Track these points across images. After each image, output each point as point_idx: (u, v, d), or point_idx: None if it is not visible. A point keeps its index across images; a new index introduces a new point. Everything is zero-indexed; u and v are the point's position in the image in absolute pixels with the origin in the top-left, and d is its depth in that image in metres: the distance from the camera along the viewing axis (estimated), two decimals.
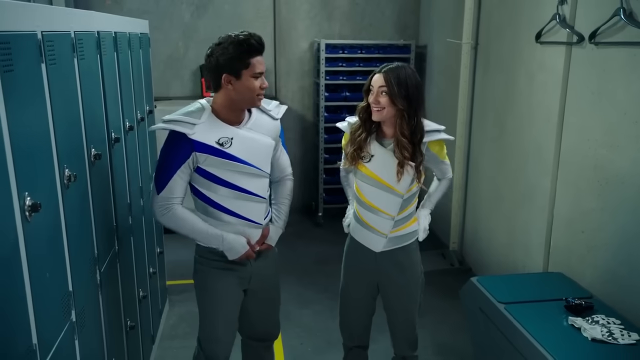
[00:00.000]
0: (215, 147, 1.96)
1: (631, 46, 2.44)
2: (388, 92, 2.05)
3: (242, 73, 1.94)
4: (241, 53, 1.92)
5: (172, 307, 3.76)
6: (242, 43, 1.92)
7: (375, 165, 2.15)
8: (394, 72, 2.06)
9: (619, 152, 2.56)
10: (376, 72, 2.12)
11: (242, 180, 2.03)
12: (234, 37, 1.94)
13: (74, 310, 1.61)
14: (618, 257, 2.59)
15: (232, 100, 1.99)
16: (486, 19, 3.96)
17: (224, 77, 1.95)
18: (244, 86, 1.95)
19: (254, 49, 1.93)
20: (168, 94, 5.29)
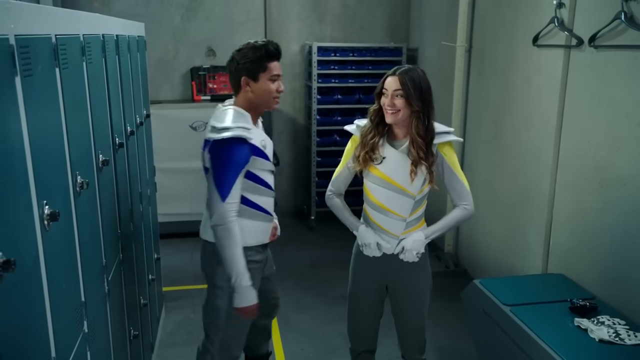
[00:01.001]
0: (261, 149, 2.12)
1: (632, 49, 2.48)
2: (404, 95, 2.05)
3: (259, 76, 2.08)
4: (259, 57, 2.06)
5: (169, 313, 3.71)
6: (260, 48, 2.07)
7: (387, 167, 2.14)
8: (409, 75, 2.06)
9: (620, 154, 2.59)
10: (389, 74, 2.12)
11: (269, 178, 2.20)
12: (253, 43, 2.10)
13: (86, 321, 1.57)
14: (619, 258, 2.62)
15: (250, 102, 2.12)
16: (480, 22, 3.99)
17: (243, 79, 2.10)
18: (261, 88, 2.09)
19: (271, 54, 2.08)
20: (158, 97, 5.22)
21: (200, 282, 4.16)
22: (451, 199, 2.25)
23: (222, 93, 5.29)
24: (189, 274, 4.35)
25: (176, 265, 4.48)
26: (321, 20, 5.51)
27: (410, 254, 2.15)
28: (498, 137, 3.74)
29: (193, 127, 4.94)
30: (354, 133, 2.27)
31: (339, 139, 5.26)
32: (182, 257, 4.65)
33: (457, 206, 2.21)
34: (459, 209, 2.20)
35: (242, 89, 2.11)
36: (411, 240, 2.16)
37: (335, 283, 4.14)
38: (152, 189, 3.33)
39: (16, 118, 1.11)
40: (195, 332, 3.49)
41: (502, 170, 3.71)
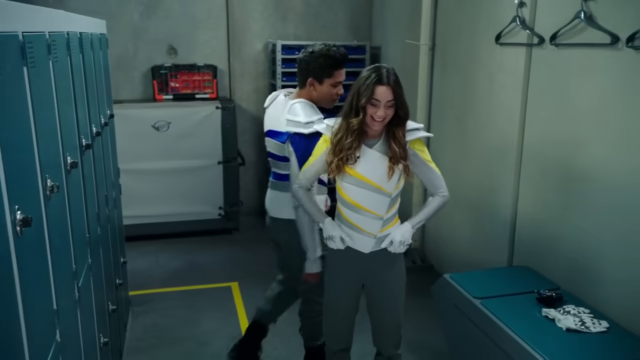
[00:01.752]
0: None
1: (591, 47, 2.57)
2: (395, 104, 2.04)
3: (324, 80, 2.46)
4: (328, 65, 2.43)
5: (136, 318, 3.62)
6: (330, 57, 2.43)
7: (363, 167, 2.12)
8: (395, 81, 2.04)
9: (581, 149, 2.68)
10: (374, 82, 2.02)
11: None
12: (326, 49, 2.44)
13: (58, 329, 1.51)
14: (581, 250, 2.71)
15: (312, 99, 2.49)
16: (443, 21, 4.06)
17: (309, 80, 2.46)
18: (324, 91, 2.48)
19: (339, 63, 2.45)
20: (118, 97, 5.07)
21: (167, 285, 4.10)
22: (428, 189, 2.28)
23: (185, 92, 5.21)
24: (155, 277, 4.27)
25: (141, 268, 4.38)
26: (284, 18, 5.48)
27: (401, 245, 2.18)
28: (462, 134, 3.81)
29: (155, 127, 4.83)
30: (324, 133, 2.23)
31: None
32: (147, 260, 4.56)
33: (434, 195, 2.25)
34: (437, 196, 2.24)
35: (307, 87, 2.48)
36: (400, 233, 2.18)
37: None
38: (117, 191, 3.24)
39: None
40: (164, 336, 3.42)
41: (467, 166, 3.78)
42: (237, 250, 4.83)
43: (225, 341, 3.37)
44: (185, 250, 4.78)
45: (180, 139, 4.88)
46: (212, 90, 5.26)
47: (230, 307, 3.79)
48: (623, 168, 2.44)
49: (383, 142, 2.14)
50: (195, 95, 5.23)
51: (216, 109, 4.95)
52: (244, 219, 5.36)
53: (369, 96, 2.02)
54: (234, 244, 4.98)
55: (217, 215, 5.13)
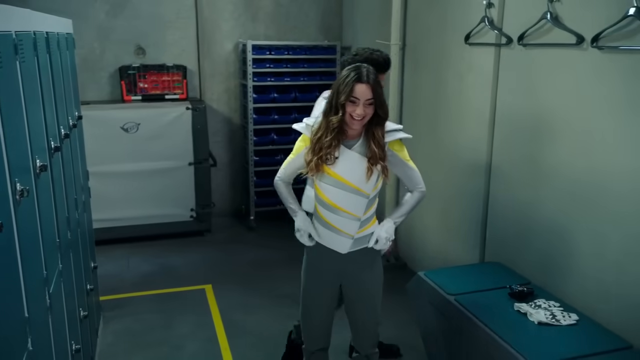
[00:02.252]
0: None
1: (558, 47, 2.63)
2: (374, 102, 2.04)
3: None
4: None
5: (107, 324, 3.54)
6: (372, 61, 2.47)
7: (342, 168, 2.12)
8: (375, 79, 2.05)
9: (550, 146, 2.75)
10: (354, 80, 2.03)
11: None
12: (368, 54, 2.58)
13: (30, 337, 1.47)
14: (551, 246, 2.78)
15: None
16: (413, 21, 4.10)
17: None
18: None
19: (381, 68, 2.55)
20: (85, 97, 4.94)
21: (138, 290, 4.03)
22: (406, 186, 2.31)
23: (154, 93, 5.13)
24: (126, 282, 4.19)
25: (112, 273, 4.29)
26: (254, 18, 5.45)
27: (387, 242, 2.20)
28: (433, 133, 3.86)
29: (125, 129, 4.74)
30: (303, 132, 2.23)
31: (277, 137, 5.24)
32: (117, 264, 4.47)
33: (413, 191, 2.28)
34: (416, 192, 2.29)
35: None
36: (384, 229, 2.21)
37: (280, 282, 4.13)
38: (87, 195, 3.17)
39: None
40: (136, 341, 3.36)
41: (439, 164, 3.83)
42: (210, 252, 4.78)
43: (200, 344, 3.33)
44: (157, 254, 4.70)
45: (150, 141, 4.80)
46: (182, 90, 5.19)
47: (204, 310, 3.75)
48: (589, 165, 2.51)
49: (362, 143, 2.13)
50: (165, 95, 5.15)
51: (186, 109, 4.89)
52: (216, 220, 5.31)
53: (348, 94, 2.03)
54: (207, 246, 4.93)
55: (189, 217, 5.06)
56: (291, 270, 4.04)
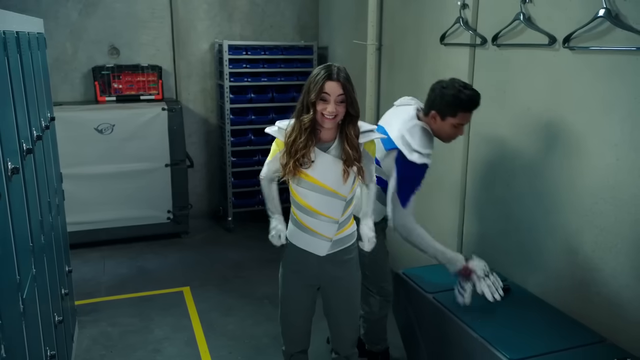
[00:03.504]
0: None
1: (530, 47, 2.68)
2: (345, 100, 2.03)
3: (447, 118, 2.53)
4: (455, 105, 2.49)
5: (82, 329, 3.49)
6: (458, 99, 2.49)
7: (318, 171, 2.11)
8: (346, 77, 2.03)
9: (524, 143, 2.80)
10: (324, 78, 2.01)
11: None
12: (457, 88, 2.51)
13: (3, 344, 1.43)
14: (526, 242, 2.83)
15: (432, 129, 2.61)
16: (389, 21, 4.12)
17: (432, 112, 2.56)
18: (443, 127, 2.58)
19: (467, 107, 2.50)
20: (57, 98, 4.86)
21: (115, 293, 3.97)
22: (363, 180, 2.24)
23: (129, 93, 5.06)
24: (102, 285, 4.13)
25: (87, 276, 4.22)
26: (230, 18, 5.42)
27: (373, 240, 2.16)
28: None
29: (99, 130, 4.67)
30: (276, 136, 2.20)
31: (254, 138, 5.22)
32: (92, 268, 4.40)
33: (368, 184, 2.27)
34: (371, 184, 2.29)
35: (429, 117, 2.54)
36: (367, 229, 2.17)
37: (258, 284, 4.11)
38: (60, 197, 3.11)
39: None
40: (114, 345, 3.31)
41: None
42: (188, 254, 4.74)
43: (179, 347, 3.30)
44: (134, 256, 4.64)
45: (125, 142, 4.73)
46: (157, 91, 5.13)
47: (182, 312, 3.71)
48: (563, 162, 2.56)
49: (337, 146, 2.12)
50: (140, 96, 5.09)
51: (162, 110, 4.84)
52: (194, 222, 5.27)
53: (318, 91, 2.02)
54: (184, 248, 4.88)
55: (166, 219, 5.01)
56: (270, 271, 4.02)
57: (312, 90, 2.04)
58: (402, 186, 2.52)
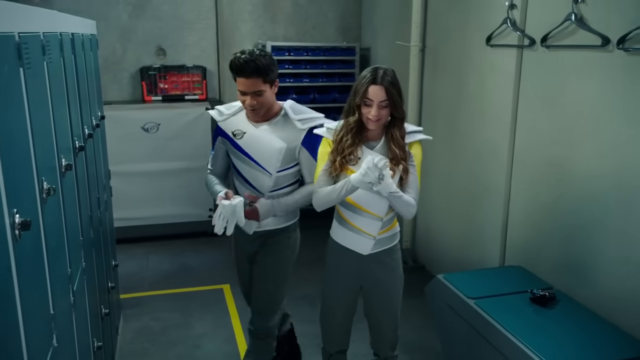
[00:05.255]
0: (230, 135, 2.42)
1: (582, 49, 2.59)
2: (390, 104, 2.03)
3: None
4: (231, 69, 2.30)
5: (127, 322, 3.58)
6: (230, 63, 2.28)
7: None
8: (391, 82, 2.03)
9: (573, 149, 2.71)
10: (370, 82, 2.02)
11: (246, 171, 2.42)
12: (236, 54, 2.29)
13: (55, 334, 1.49)
14: (573, 249, 2.74)
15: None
16: (434, 22, 4.08)
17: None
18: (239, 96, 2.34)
19: (234, 70, 2.28)
20: (106, 98, 5.01)
21: (157, 288, 4.06)
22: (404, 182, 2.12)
23: (174, 93, 5.18)
24: (145, 280, 4.23)
25: (132, 271, 4.34)
26: (273, 19, 5.47)
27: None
28: (453, 135, 3.83)
29: (145, 129, 4.80)
30: (325, 136, 2.22)
31: None
32: (136, 263, 4.52)
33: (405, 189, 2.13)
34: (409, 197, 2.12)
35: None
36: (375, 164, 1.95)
37: (297, 284, 4.10)
38: (109, 194, 3.21)
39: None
40: (156, 339, 3.39)
41: (458, 167, 3.80)
42: (228, 253, 4.79)
43: (218, 344, 3.35)
44: (176, 253, 4.74)
45: (169, 141, 4.84)
46: (201, 91, 5.23)
47: (222, 310, 3.77)
48: (614, 168, 2.47)
49: (383, 145, 2.15)
50: (185, 96, 5.20)
51: (206, 110, 4.92)
52: None
53: (362, 95, 2.04)
54: (224, 246, 4.94)
55: (208, 217, 5.09)
56: (308, 272, 4.04)
57: (357, 93, 2.07)
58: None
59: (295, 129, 2.36)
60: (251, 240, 2.52)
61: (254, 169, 2.39)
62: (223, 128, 2.44)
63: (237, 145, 2.39)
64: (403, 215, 2.17)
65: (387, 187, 1.96)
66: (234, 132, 2.39)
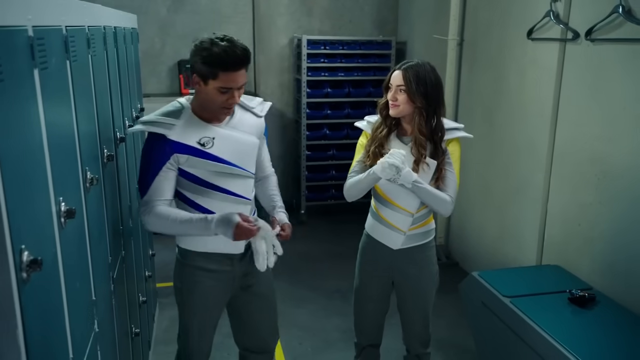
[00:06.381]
0: (196, 147, 1.86)
1: (630, 42, 2.51)
2: (406, 90, 2.04)
3: (208, 81, 1.81)
4: (211, 63, 1.78)
5: (162, 310, 3.66)
6: (214, 55, 1.77)
7: None
8: (414, 70, 2.05)
9: (617, 145, 2.63)
10: (396, 68, 2.12)
11: (226, 181, 1.92)
12: (214, 42, 1.80)
13: (96, 319, 1.54)
14: (616, 249, 2.66)
15: (203, 101, 1.88)
16: (472, 16, 4.00)
17: (194, 76, 1.85)
18: (208, 94, 1.83)
19: (225, 65, 1.77)
20: (145, 90, 5.10)
21: None
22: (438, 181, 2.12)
23: None
24: None
25: (168, 260, 4.38)
26: (309, 13, 5.47)
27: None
28: (491, 130, 3.76)
29: None
30: (364, 129, 2.25)
31: (329, 132, 5.24)
32: (173, 253, 4.55)
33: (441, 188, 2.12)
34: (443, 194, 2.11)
35: (195, 85, 1.89)
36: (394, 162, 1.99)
37: (329, 277, 4.14)
38: None
39: (35, 111, 1.07)
40: None
41: (495, 163, 3.73)
42: None
43: None
44: None
45: None
46: None
47: None
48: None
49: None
50: None
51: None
52: (267, 213, 5.36)
53: (387, 80, 2.13)
54: None
55: None
56: (340, 266, 4.04)
57: (386, 79, 2.16)
58: (139, 172, 1.98)
59: (254, 118, 2.03)
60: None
61: (236, 175, 1.94)
62: (180, 141, 1.83)
63: (209, 156, 1.87)
64: (437, 212, 2.16)
65: (406, 177, 2.00)
66: (200, 142, 1.86)
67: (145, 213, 1.87)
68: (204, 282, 2.04)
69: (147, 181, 1.87)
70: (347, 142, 5.15)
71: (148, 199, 1.88)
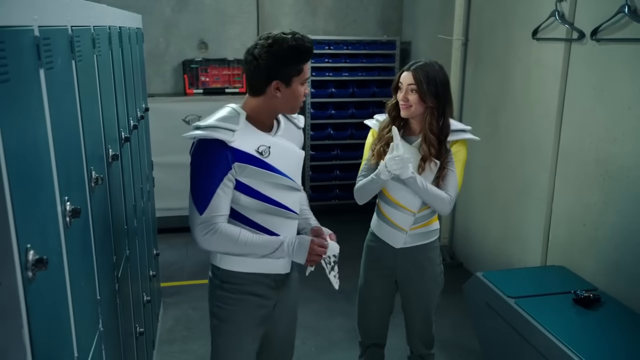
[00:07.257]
0: (256, 156, 1.71)
1: (636, 43, 2.49)
2: (417, 90, 2.05)
3: (293, 80, 1.71)
4: (297, 59, 1.68)
5: (167, 309, 3.67)
6: (297, 48, 1.67)
7: None
8: (424, 70, 2.05)
9: (622, 145, 2.62)
10: (404, 69, 2.12)
11: (280, 194, 1.78)
12: (288, 40, 1.67)
13: (101, 319, 1.54)
14: (621, 250, 2.65)
15: (274, 107, 1.76)
16: (477, 16, 3.99)
17: (274, 83, 1.69)
18: (291, 93, 1.72)
19: (308, 54, 1.71)
20: (149, 90, 5.11)
21: (196, 278, 4.14)
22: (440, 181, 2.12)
23: (215, 86, 5.24)
24: (184, 270, 4.32)
25: (172, 260, 4.44)
26: (314, 13, 5.47)
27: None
28: (496, 130, 3.76)
29: (186, 121, 4.88)
30: (373, 127, 2.26)
31: (333, 132, 5.24)
32: (177, 253, 4.61)
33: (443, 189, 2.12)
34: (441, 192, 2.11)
35: (269, 92, 1.72)
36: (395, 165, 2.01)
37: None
38: (151, 184, 3.29)
39: (41, 111, 1.08)
40: (194, 328, 3.46)
41: (500, 163, 3.72)
42: None
43: None
44: None
45: None
46: (241, 84, 5.28)
47: None
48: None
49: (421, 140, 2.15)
50: (225, 89, 5.26)
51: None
52: None
53: (396, 80, 2.14)
54: None
55: None
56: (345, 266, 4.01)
57: (394, 80, 2.15)
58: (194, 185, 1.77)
59: (296, 129, 1.91)
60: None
61: (288, 187, 1.80)
62: (241, 149, 1.68)
63: (268, 166, 1.73)
64: (436, 210, 2.18)
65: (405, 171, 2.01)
66: (258, 150, 1.72)
67: (209, 232, 1.70)
68: (250, 308, 1.90)
69: (207, 195, 1.68)
70: (351, 142, 5.15)
71: (208, 215, 1.68)
